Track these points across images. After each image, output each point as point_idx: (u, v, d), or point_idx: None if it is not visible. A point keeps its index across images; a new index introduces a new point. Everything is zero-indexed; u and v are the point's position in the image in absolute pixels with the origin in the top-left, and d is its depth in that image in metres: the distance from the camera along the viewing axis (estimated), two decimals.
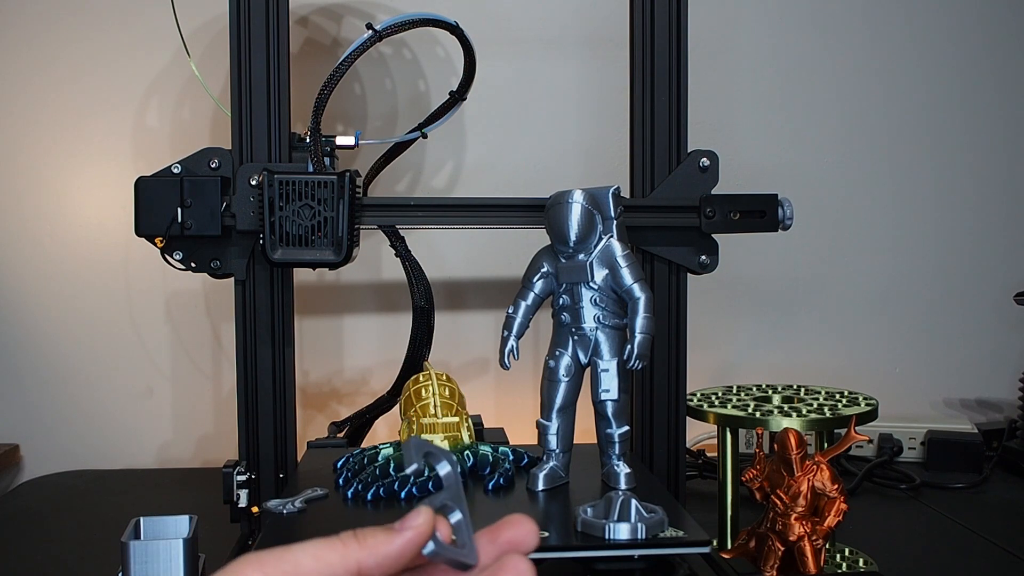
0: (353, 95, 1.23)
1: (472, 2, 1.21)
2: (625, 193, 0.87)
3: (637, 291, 0.75)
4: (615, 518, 0.64)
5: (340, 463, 0.80)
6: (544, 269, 0.78)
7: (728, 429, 0.84)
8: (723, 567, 0.76)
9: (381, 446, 0.82)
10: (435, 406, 0.82)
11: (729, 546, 0.80)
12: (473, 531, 0.41)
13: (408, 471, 0.40)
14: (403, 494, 0.73)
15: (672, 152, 0.89)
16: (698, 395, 0.91)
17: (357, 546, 0.39)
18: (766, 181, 0.97)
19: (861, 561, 0.82)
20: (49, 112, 1.21)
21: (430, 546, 0.39)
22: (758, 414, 0.83)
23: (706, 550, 0.65)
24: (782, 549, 0.72)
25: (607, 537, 0.64)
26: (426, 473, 0.42)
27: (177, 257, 0.86)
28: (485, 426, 0.98)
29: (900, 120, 1.32)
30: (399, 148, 1.02)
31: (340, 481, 0.77)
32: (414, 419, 0.81)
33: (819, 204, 1.28)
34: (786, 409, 0.85)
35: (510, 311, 0.78)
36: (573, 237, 0.75)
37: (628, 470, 0.76)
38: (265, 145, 0.86)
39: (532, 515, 0.69)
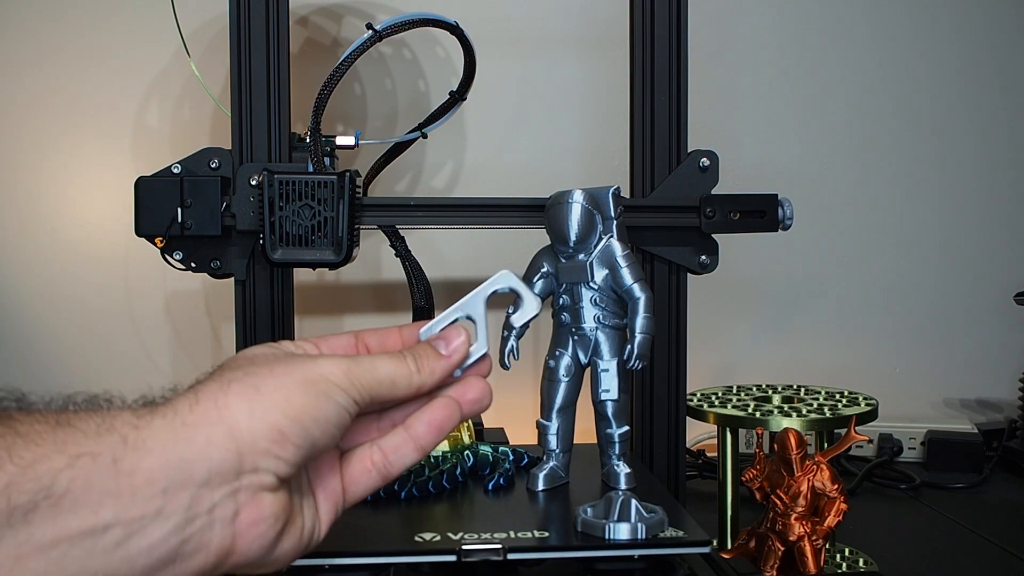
0: (353, 95, 1.23)
1: (472, 2, 1.21)
2: (625, 193, 0.87)
3: (637, 291, 0.75)
4: (615, 518, 0.64)
5: None
6: (544, 269, 0.78)
7: (728, 429, 0.83)
8: (723, 567, 0.76)
9: None
10: None
11: (729, 546, 0.80)
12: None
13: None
14: (403, 494, 0.73)
15: (672, 152, 0.89)
16: (698, 395, 0.91)
17: (418, 373, 0.49)
18: (766, 181, 0.97)
19: (861, 561, 0.82)
20: (48, 112, 1.21)
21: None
22: (758, 414, 0.83)
23: (706, 550, 0.64)
24: (782, 549, 0.72)
25: (607, 537, 0.63)
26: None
27: (177, 257, 0.85)
28: (485, 426, 0.97)
29: (901, 120, 1.32)
30: (399, 148, 1.02)
31: None
32: None
33: (819, 204, 1.28)
34: (786, 409, 0.85)
35: (510, 311, 0.78)
36: (573, 237, 0.75)
37: (628, 470, 0.76)
38: (265, 145, 0.86)
39: (532, 515, 0.70)
